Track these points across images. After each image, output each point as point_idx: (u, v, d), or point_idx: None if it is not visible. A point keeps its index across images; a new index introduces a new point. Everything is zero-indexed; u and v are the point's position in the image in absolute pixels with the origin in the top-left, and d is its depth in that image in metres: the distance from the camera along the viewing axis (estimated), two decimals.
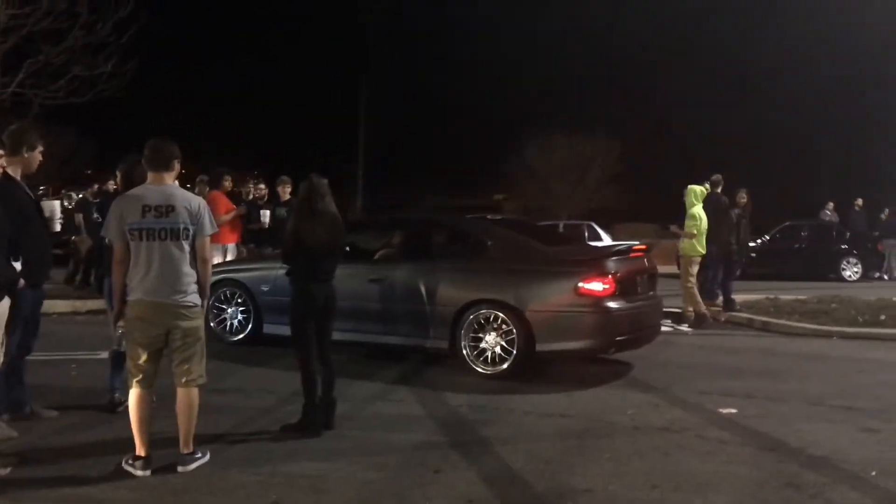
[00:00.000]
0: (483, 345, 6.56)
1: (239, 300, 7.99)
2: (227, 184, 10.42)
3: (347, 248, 7.56)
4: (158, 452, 4.34)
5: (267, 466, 4.34)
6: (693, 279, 9.84)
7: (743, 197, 10.68)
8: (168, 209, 4.23)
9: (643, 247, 7.28)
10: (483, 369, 6.53)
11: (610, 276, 6.31)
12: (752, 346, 8.57)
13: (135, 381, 4.27)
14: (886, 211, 18.95)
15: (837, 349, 8.39)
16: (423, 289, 6.85)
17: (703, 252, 9.92)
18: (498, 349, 6.49)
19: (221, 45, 41.97)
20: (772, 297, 11.58)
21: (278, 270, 7.13)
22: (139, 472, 4.17)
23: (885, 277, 18.01)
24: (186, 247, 4.26)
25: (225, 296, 8.07)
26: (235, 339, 7.99)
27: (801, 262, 17.59)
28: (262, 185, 10.88)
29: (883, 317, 9.82)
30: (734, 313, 10.48)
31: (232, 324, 8.06)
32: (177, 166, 4.46)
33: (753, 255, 15.77)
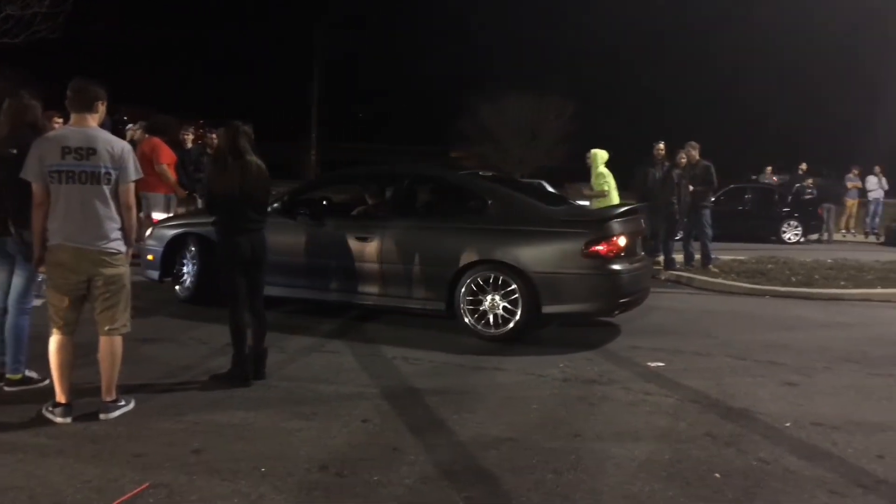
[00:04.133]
0: (484, 307, 6.34)
1: (198, 255, 7.36)
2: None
3: (325, 203, 7.27)
4: (82, 401, 4.30)
5: (192, 415, 4.31)
6: None
7: (683, 157, 10.80)
8: (89, 152, 4.09)
9: (636, 207, 7.11)
10: (484, 331, 6.34)
11: (615, 238, 6.20)
12: (688, 304, 8.76)
13: (55, 327, 4.18)
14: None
15: (769, 307, 8.63)
16: (420, 248, 6.56)
17: None
18: (500, 311, 6.29)
19: None
20: (712, 257, 11.82)
21: None
22: (59, 420, 4.11)
23: (825, 239, 18.60)
24: (108, 192, 4.14)
25: (188, 251, 7.46)
26: (187, 295, 7.49)
27: (744, 224, 17.99)
28: (214, 135, 10.70)
29: (816, 277, 10.15)
30: (673, 272, 10.69)
31: (190, 280, 7.50)
32: (101, 108, 4.31)
33: None
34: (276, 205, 7.12)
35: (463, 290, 6.40)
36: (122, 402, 4.32)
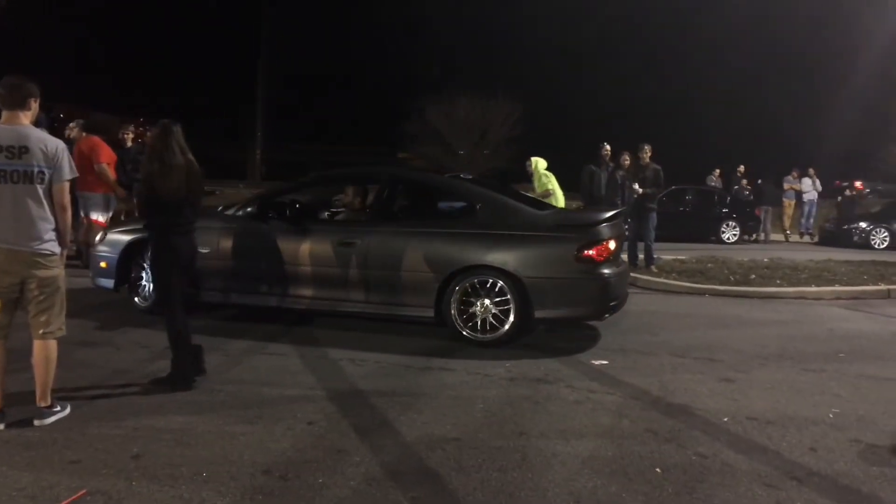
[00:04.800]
0: (475, 313, 6.25)
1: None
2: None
3: (297, 205, 6.90)
4: (15, 407, 4.18)
5: (131, 420, 4.22)
6: None
7: (626, 159, 11.02)
8: (21, 150, 3.97)
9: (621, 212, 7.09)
10: (475, 337, 6.24)
11: (606, 242, 6.20)
12: (632, 303, 8.82)
13: None
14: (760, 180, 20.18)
15: (708, 306, 8.85)
16: (408, 253, 6.36)
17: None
18: (491, 317, 6.22)
19: None
20: (655, 257, 12.07)
21: (219, 229, 6.72)
22: None
23: (762, 239, 19.18)
24: (41, 191, 4.02)
25: (148, 258, 6.81)
26: (147, 305, 6.98)
27: (685, 224, 18.40)
28: None
29: (753, 276, 10.44)
30: None
31: (147, 290, 7.03)
32: (34, 105, 4.19)
33: None
34: (248, 209, 6.89)
35: (453, 295, 6.27)
36: (58, 408, 4.21)
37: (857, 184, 21.78)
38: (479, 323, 6.27)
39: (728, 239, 18.61)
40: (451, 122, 33.07)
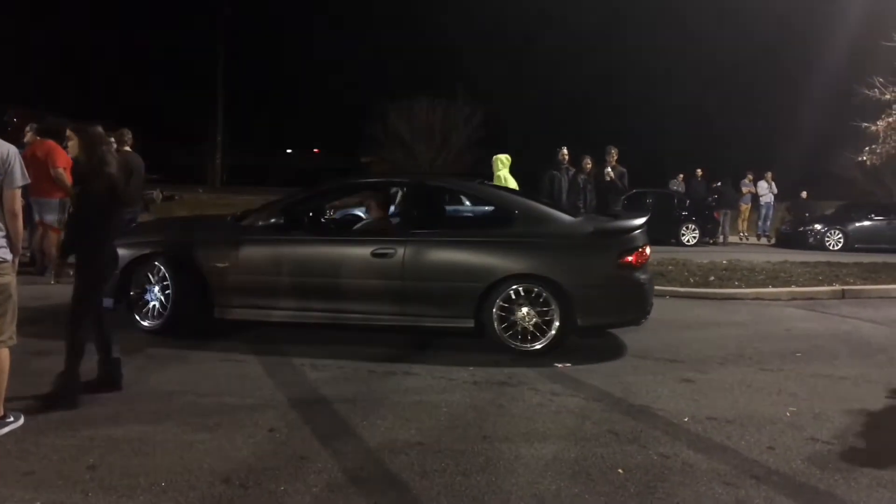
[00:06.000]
0: (517, 322, 6.15)
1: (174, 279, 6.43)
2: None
3: (312, 215, 6.68)
4: None
5: (86, 430, 4.12)
6: None
7: (588, 163, 11.13)
8: None
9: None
10: (518, 346, 6.15)
11: (642, 248, 6.24)
12: None
13: None
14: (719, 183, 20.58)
15: (669, 308, 8.94)
16: (447, 263, 6.22)
17: None
18: (532, 326, 6.14)
19: None
20: None
21: (239, 241, 6.45)
22: None
23: (721, 241, 19.53)
24: None
25: (151, 274, 6.48)
26: (156, 325, 6.46)
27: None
28: (113, 139, 10.25)
29: (712, 278, 10.62)
30: None
31: (159, 308, 6.48)
32: None
33: None
34: (272, 220, 6.59)
35: (495, 305, 6.16)
36: (10, 419, 4.10)
37: (803, 194, 22.47)
38: (519, 332, 6.19)
39: (688, 241, 18.90)
40: (411, 126, 33.07)
